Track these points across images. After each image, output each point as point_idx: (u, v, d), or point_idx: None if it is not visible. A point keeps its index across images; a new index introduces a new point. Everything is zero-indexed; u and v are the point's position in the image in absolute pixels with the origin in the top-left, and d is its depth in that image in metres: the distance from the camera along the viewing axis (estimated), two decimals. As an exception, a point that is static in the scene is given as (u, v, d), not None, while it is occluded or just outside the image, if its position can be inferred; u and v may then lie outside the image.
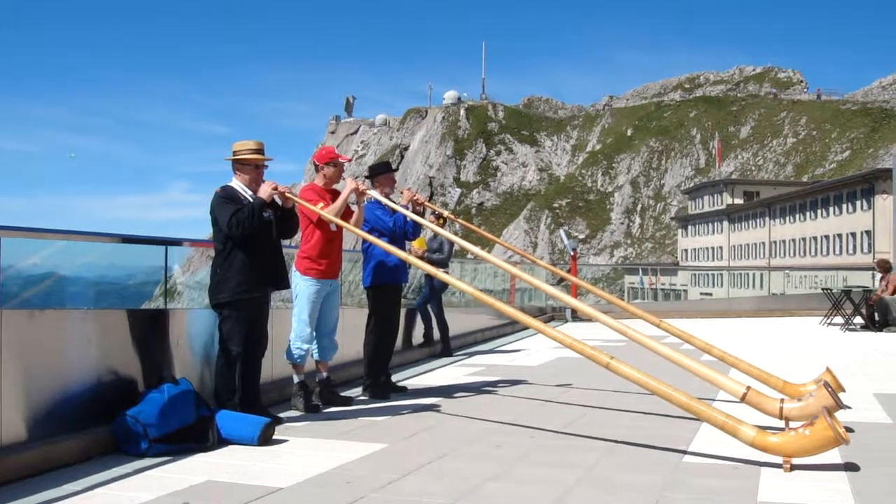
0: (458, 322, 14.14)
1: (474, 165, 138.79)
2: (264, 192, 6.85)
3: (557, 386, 9.33)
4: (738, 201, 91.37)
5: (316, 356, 7.94)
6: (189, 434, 6.01)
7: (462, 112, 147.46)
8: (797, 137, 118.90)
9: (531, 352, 13.40)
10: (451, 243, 12.52)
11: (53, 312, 6.06)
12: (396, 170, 9.17)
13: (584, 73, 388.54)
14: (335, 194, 7.86)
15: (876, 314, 18.06)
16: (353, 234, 7.82)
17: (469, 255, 21.42)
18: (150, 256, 8.16)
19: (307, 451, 6.04)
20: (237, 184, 6.98)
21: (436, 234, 10.68)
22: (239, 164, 7.00)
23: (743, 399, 6.00)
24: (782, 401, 6.14)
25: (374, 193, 8.46)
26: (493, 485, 5.01)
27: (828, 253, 72.45)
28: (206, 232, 7.04)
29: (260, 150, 7.04)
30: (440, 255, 12.66)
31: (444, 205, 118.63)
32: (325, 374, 8.03)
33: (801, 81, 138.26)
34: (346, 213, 7.74)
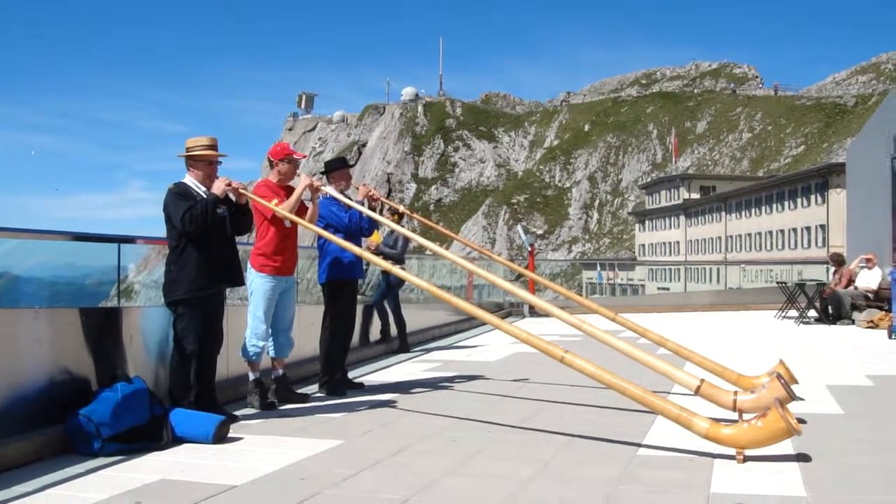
0: (415, 318, 14.12)
1: (432, 161, 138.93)
2: (218, 188, 6.81)
3: (514, 381, 9.35)
4: (695, 196, 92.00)
5: (272, 353, 7.91)
6: (143, 433, 5.96)
7: (420, 108, 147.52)
8: (753, 132, 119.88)
9: (489, 347, 13.42)
10: (406, 239, 12.48)
11: (3, 311, 6.00)
12: (353, 165, 9.15)
13: (542, 69, 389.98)
14: (290, 191, 7.83)
15: (829, 307, 18.23)
16: (311, 232, 7.79)
17: (427, 252, 21.43)
18: (106, 255, 8.07)
19: (262, 448, 6.01)
20: (191, 180, 6.93)
21: (392, 230, 10.68)
22: (192, 161, 6.94)
23: (697, 392, 6.04)
24: (736, 393, 6.19)
25: (329, 189, 8.42)
26: (449, 479, 5.02)
27: (783, 247, 73.17)
28: (163, 230, 6.99)
29: (213, 146, 6.99)
30: (393, 250, 12.63)
31: (401, 200, 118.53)
32: (280, 372, 7.99)
33: (757, 77, 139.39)
34: (300, 210, 7.72)
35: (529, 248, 24.01)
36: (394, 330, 12.90)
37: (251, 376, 7.70)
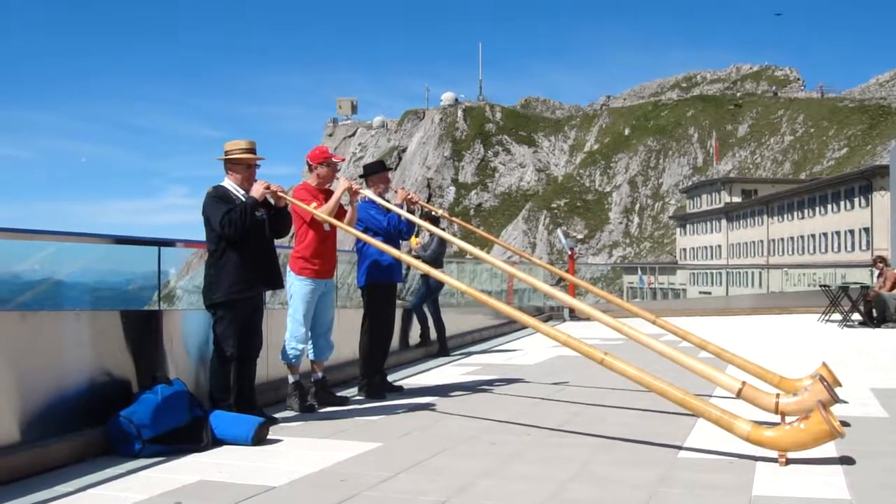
0: (455, 322, 14.13)
1: (472, 166, 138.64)
2: (256, 191, 6.84)
3: (554, 384, 9.31)
4: (737, 200, 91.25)
5: (311, 356, 7.93)
6: (183, 434, 5.99)
7: (459, 113, 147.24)
8: (795, 135, 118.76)
9: (528, 351, 13.38)
10: (441, 242, 12.48)
11: (46, 314, 6.04)
12: (391, 169, 9.16)
13: (581, 73, 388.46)
14: (329, 194, 7.85)
15: (873, 310, 18.06)
16: (351, 236, 7.81)
17: (467, 256, 21.48)
18: (147, 260, 8.10)
19: (301, 450, 6.02)
20: (229, 184, 6.96)
21: (432, 234, 10.68)
22: (231, 164, 6.98)
23: (739, 394, 5.99)
24: (778, 395, 6.14)
25: (368, 192, 8.43)
26: (487, 482, 5.00)
27: (826, 250, 72.40)
28: (203, 235, 7.05)
29: (251, 150, 7.01)
30: (423, 252, 12.57)
31: (441, 206, 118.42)
32: (320, 375, 8.00)
33: (799, 79, 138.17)
34: (339, 213, 7.74)
35: (570, 252, 23.95)
36: (433, 333, 12.90)
37: (291, 379, 7.72)
